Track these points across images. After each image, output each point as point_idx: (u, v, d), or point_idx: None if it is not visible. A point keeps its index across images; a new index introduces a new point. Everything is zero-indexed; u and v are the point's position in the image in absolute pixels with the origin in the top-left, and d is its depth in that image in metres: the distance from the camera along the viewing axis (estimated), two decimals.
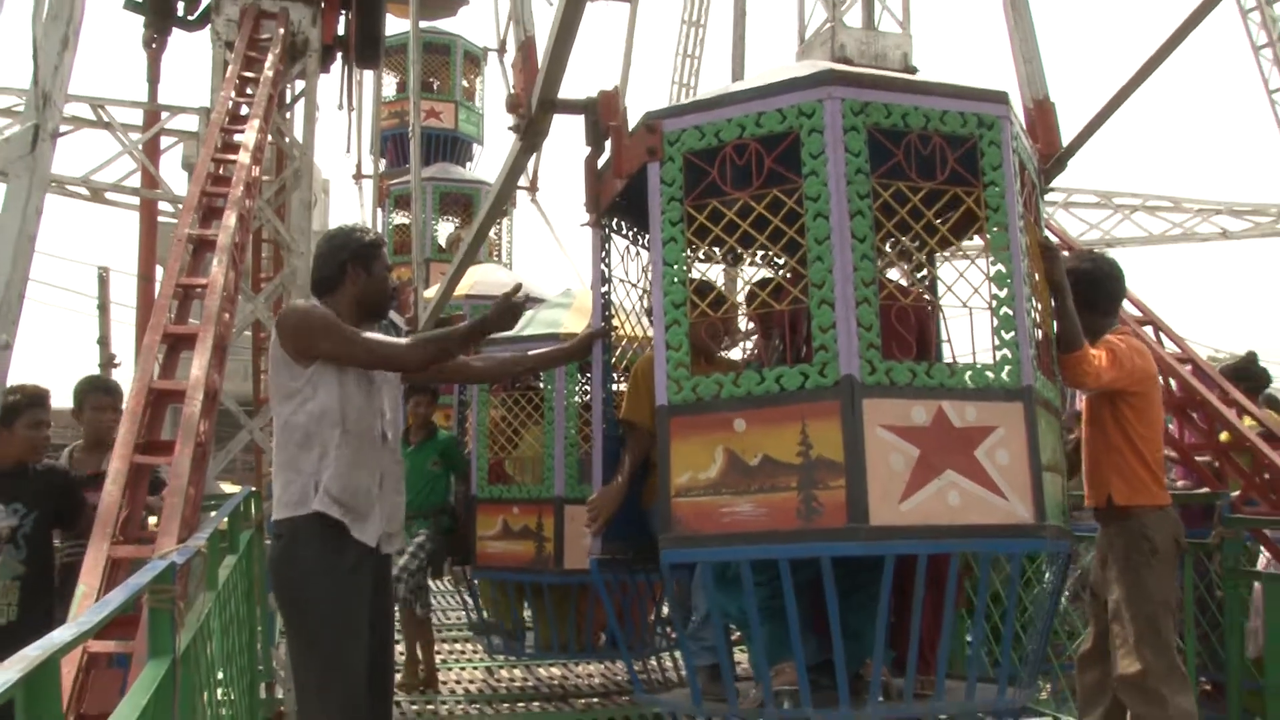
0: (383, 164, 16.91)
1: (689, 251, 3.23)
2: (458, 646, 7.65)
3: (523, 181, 15.95)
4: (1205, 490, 5.13)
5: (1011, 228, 3.09)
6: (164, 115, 9.73)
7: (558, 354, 3.99)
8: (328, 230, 3.61)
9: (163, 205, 9.48)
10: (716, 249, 3.53)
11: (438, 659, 6.62)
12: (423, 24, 16.28)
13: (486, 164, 17.74)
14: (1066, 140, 4.02)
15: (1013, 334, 3.06)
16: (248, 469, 7.87)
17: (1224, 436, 5.23)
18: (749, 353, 3.55)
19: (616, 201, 3.58)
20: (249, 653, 4.28)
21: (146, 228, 9.63)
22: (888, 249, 3.31)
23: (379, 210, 16.28)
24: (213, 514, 4.34)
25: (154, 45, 9.96)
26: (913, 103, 3.06)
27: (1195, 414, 5.39)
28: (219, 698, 3.35)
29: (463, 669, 6.93)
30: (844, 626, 3.01)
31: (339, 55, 9.95)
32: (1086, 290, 3.66)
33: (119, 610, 2.07)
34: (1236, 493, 5.03)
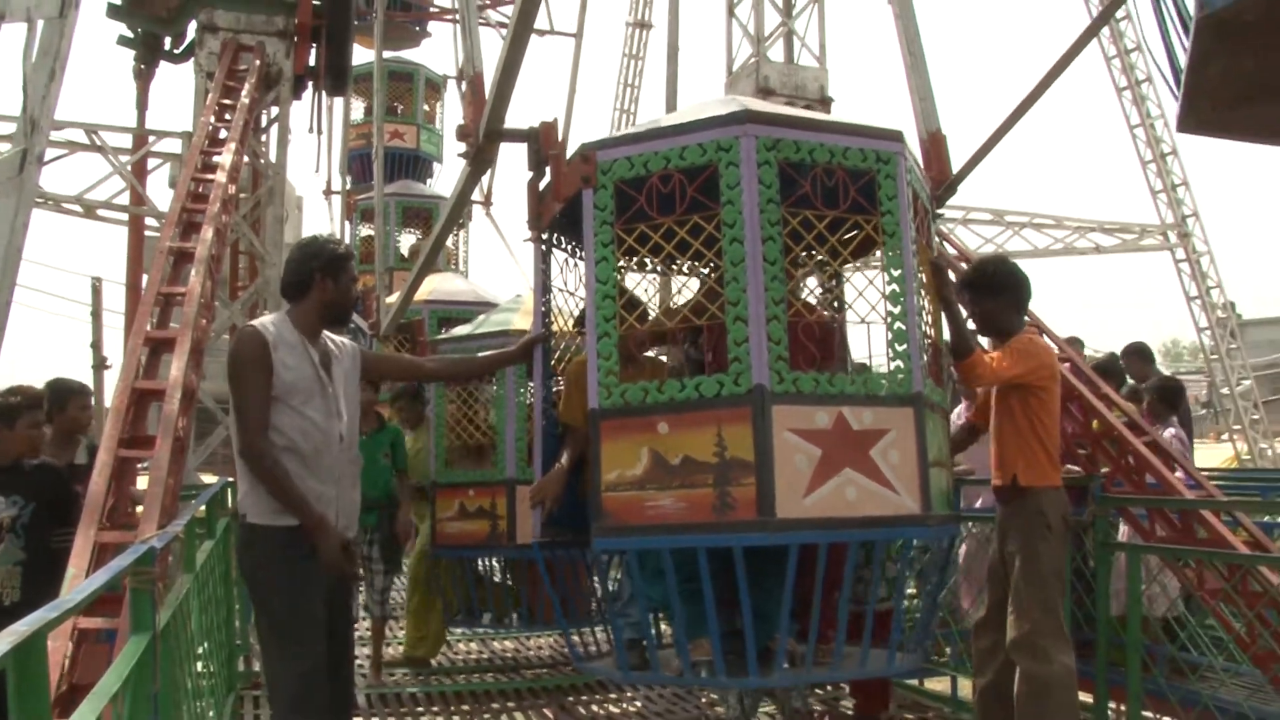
0: (350, 180, 16.80)
1: (625, 264, 3.21)
2: None
3: (477, 196, 15.86)
4: (1080, 474, 5.21)
5: (905, 251, 3.11)
6: (151, 139, 9.65)
7: (503, 357, 3.94)
8: (301, 239, 3.52)
9: (149, 220, 9.34)
10: (650, 261, 3.51)
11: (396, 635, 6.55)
12: (387, 54, 16.15)
13: (445, 180, 17.67)
14: (958, 168, 4.07)
15: (905, 346, 3.08)
16: (226, 461, 7.69)
17: (1095, 425, 5.32)
18: (671, 362, 3.52)
19: (557, 219, 3.54)
20: (226, 629, 4.25)
21: (134, 241, 9.49)
22: (797, 270, 3.31)
23: (347, 223, 16.12)
24: (192, 502, 4.30)
25: (143, 76, 9.84)
26: (819, 140, 3.07)
27: (1072, 406, 5.48)
28: (199, 670, 3.37)
29: None
30: (754, 606, 3.01)
31: (310, 84, 9.85)
32: (1006, 293, 3.67)
33: (102, 589, 2.08)
34: (1106, 469, 5.13)
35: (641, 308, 3.19)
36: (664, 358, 4.01)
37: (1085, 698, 4.17)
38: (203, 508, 4.30)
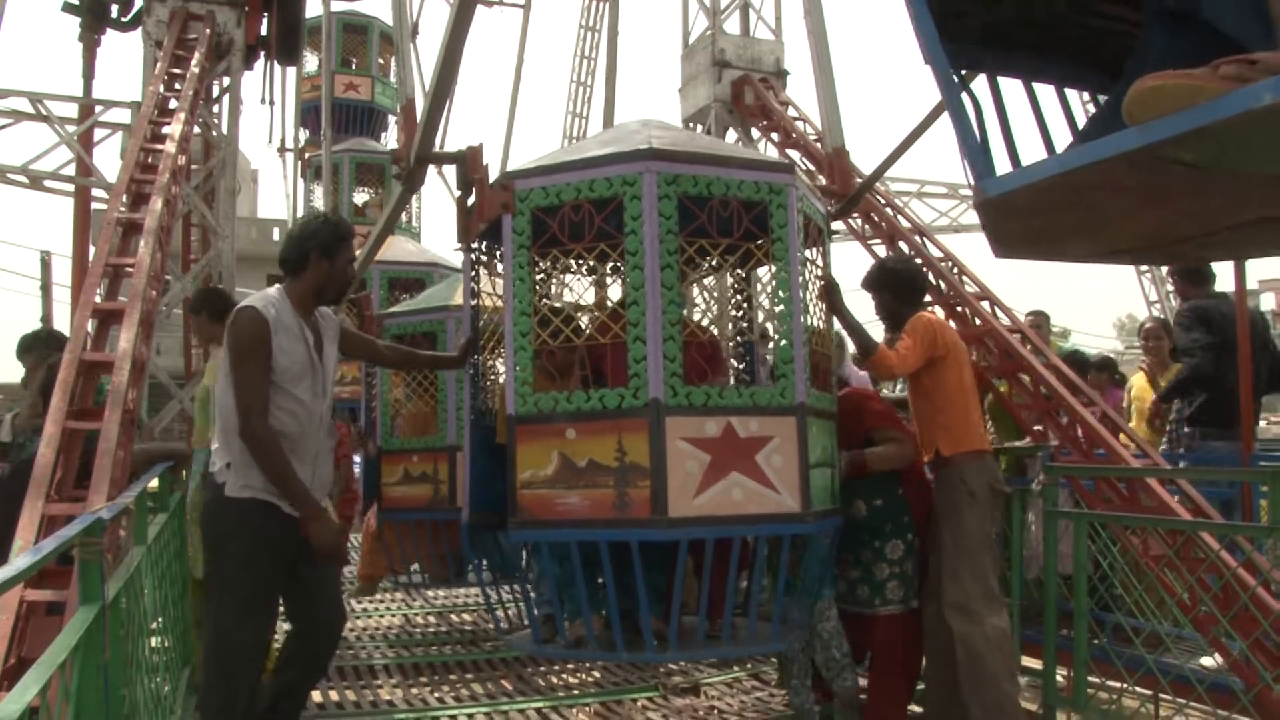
0: (305, 135, 17.00)
1: (546, 279, 3.67)
2: (376, 598, 8.02)
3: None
4: (1029, 443, 5.64)
5: (793, 274, 3.60)
6: (98, 109, 9.80)
7: (444, 359, 4.48)
8: (302, 216, 3.74)
9: (97, 192, 9.60)
10: (569, 276, 3.97)
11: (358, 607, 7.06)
12: (343, 6, 16.38)
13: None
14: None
15: (790, 361, 3.57)
16: (182, 436, 8.13)
17: (1044, 392, 5.71)
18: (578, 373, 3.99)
19: (484, 231, 3.98)
20: (181, 604, 4.49)
21: (81, 213, 9.75)
22: (695, 292, 3.78)
23: (300, 180, 16.40)
24: (143, 475, 4.36)
25: (89, 44, 10.01)
26: (716, 173, 3.54)
27: (1024, 377, 5.85)
28: (152, 645, 3.48)
29: (381, 616, 7.36)
30: (653, 589, 3.52)
31: (262, 54, 10.07)
32: (904, 288, 4.18)
33: (48, 558, 2.15)
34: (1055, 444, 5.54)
35: (552, 326, 3.63)
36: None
37: (1034, 663, 4.54)
38: (155, 480, 4.54)
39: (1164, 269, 15.66)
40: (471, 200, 3.78)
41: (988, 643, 3.83)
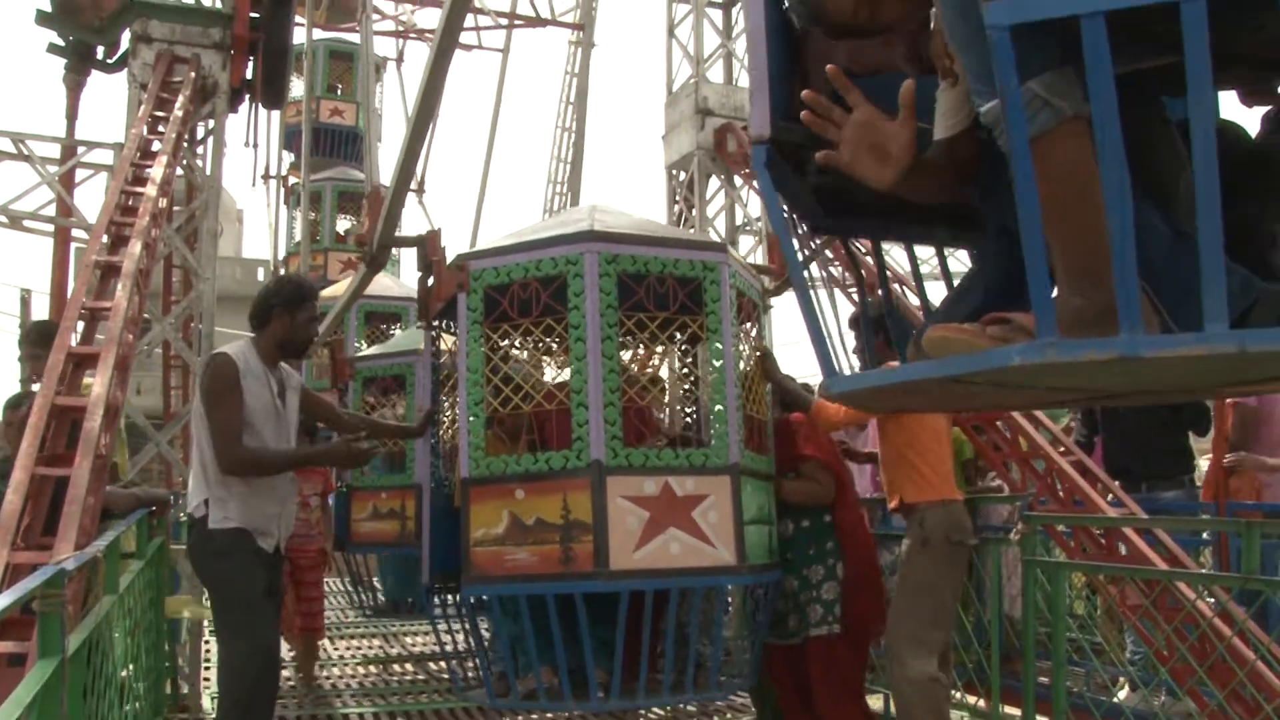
0: (288, 157, 17.48)
1: (501, 348, 4.12)
2: (354, 643, 8.42)
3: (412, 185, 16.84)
4: (1008, 492, 5.86)
5: (725, 346, 4.05)
6: (80, 150, 10.17)
7: (406, 430, 4.88)
8: (272, 277, 4.21)
9: (77, 232, 10.01)
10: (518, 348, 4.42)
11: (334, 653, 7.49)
12: (330, 34, 16.98)
13: (382, 158, 18.61)
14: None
15: (723, 425, 4.02)
16: (160, 478, 8.55)
17: (1023, 444, 6.04)
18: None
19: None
20: (155, 652, 4.77)
21: (60, 253, 10.12)
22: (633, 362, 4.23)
23: (284, 207, 16.90)
24: (118, 522, 4.51)
25: (73, 85, 10.41)
26: (653, 254, 4.00)
27: (1001, 424, 6.14)
28: (122, 694, 3.62)
29: (359, 665, 7.76)
30: (601, 642, 3.95)
31: (247, 97, 10.49)
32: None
33: (8, 610, 2.21)
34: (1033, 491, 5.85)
35: (503, 394, 4.09)
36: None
37: (1015, 710, 4.68)
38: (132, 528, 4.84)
39: None
40: (431, 280, 4.25)
41: (912, 687, 4.15)
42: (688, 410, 4.98)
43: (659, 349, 4.07)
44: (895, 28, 1.86)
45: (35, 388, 5.08)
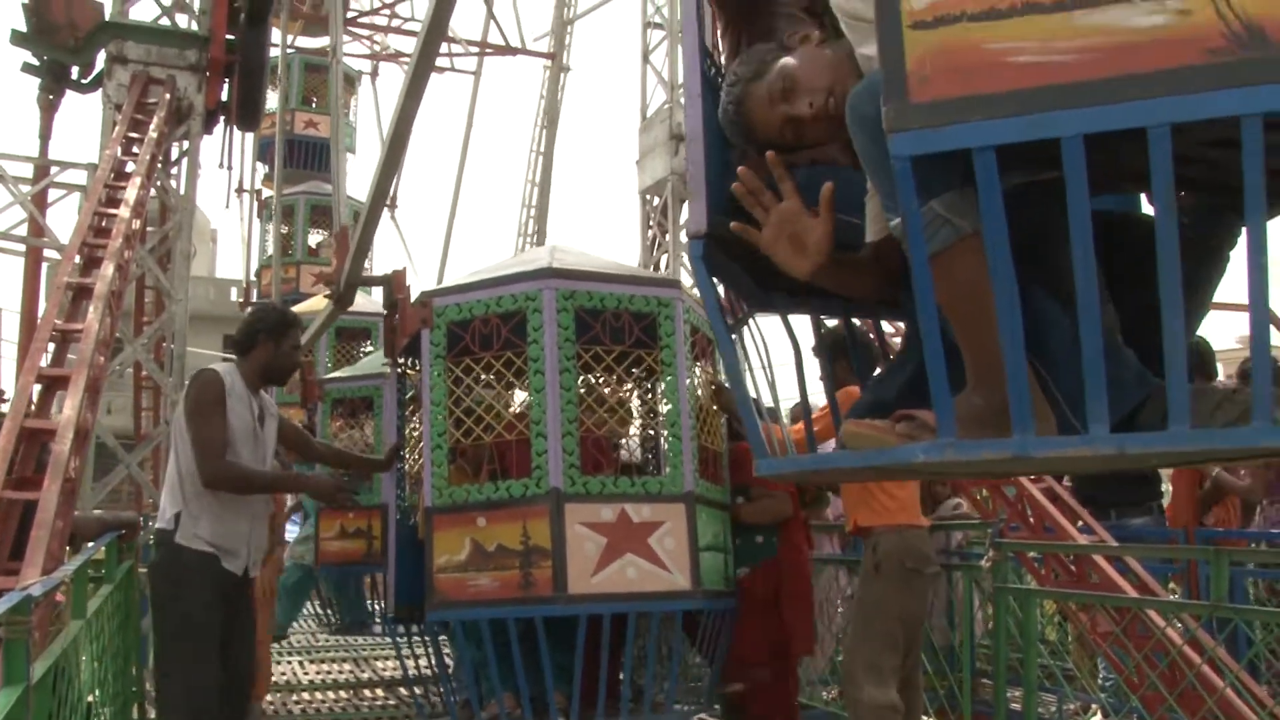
0: (261, 169, 17.61)
1: (464, 381, 4.34)
2: (324, 668, 8.59)
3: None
4: (978, 519, 6.03)
5: (680, 379, 4.29)
6: (53, 170, 10.27)
7: (375, 463, 5.03)
8: (257, 304, 4.37)
9: (49, 253, 10.11)
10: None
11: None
12: (305, 45, 17.21)
13: (356, 171, 18.81)
14: None
15: (679, 455, 4.25)
16: (130, 498, 8.69)
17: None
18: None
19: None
20: (123, 678, 4.76)
21: (32, 274, 10.24)
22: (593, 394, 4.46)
23: (258, 220, 17.03)
24: (88, 545, 4.53)
25: (48, 105, 10.53)
26: (609, 289, 4.23)
27: None
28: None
29: (329, 689, 7.93)
30: (561, 668, 4.17)
31: (222, 119, 10.63)
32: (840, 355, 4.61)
33: None
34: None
35: (475, 416, 4.31)
36: None
37: None
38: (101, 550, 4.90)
39: None
40: (396, 317, 4.48)
41: (869, 714, 4.21)
42: (645, 440, 5.22)
43: (616, 380, 4.31)
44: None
45: None
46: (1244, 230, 1.55)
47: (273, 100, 18.02)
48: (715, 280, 1.99)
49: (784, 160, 1.93)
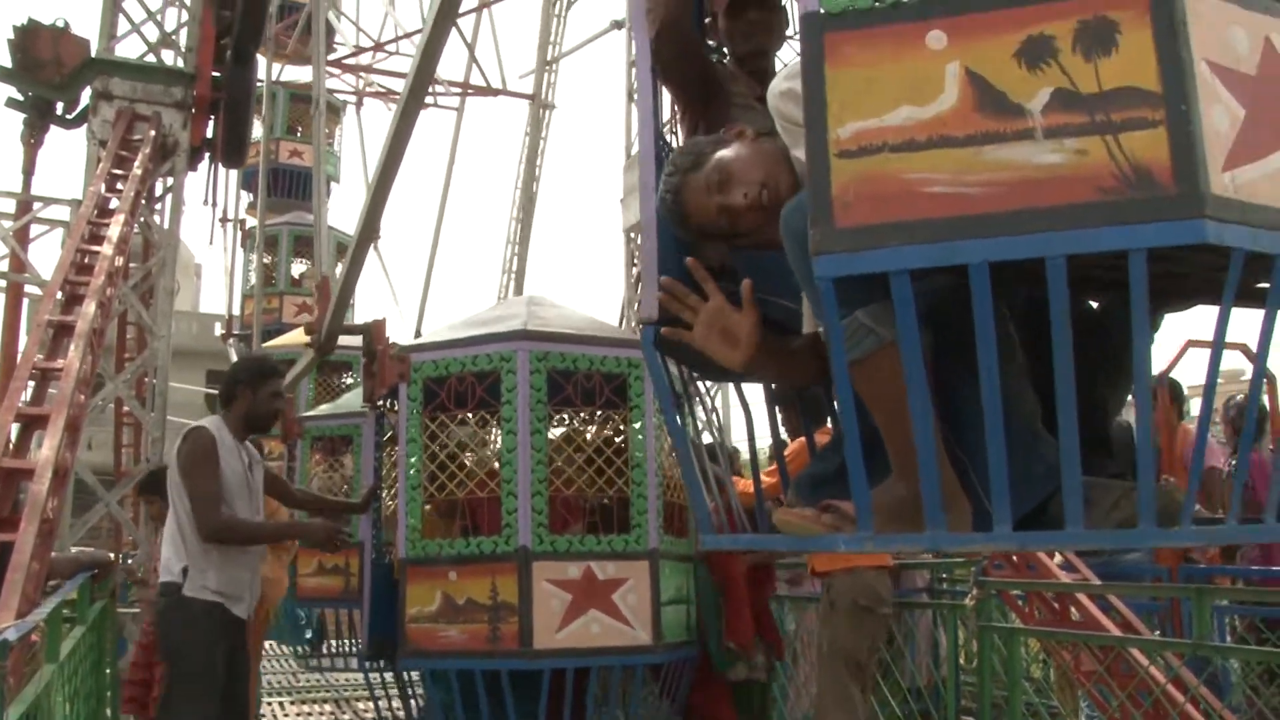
0: (246, 197, 17.74)
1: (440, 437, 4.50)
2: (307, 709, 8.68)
3: None
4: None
5: (647, 438, 4.45)
6: (36, 205, 10.31)
7: (352, 506, 5.17)
8: (239, 357, 4.49)
9: (31, 289, 10.17)
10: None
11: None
12: (290, 77, 17.42)
13: (340, 200, 18.99)
14: None
15: (643, 513, 4.41)
16: (110, 535, 8.74)
17: None
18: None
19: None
20: (95, 718, 4.88)
21: (12, 310, 10.28)
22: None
23: (241, 249, 17.15)
24: (64, 585, 4.65)
25: (31, 141, 10.63)
26: (581, 351, 4.41)
27: None
28: None
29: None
30: (524, 715, 4.30)
31: (206, 155, 10.74)
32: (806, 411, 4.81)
33: None
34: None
35: (440, 480, 4.47)
36: None
37: None
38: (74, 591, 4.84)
39: None
40: (375, 366, 4.64)
41: None
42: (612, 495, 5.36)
43: (586, 439, 4.48)
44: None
45: None
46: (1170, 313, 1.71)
47: (257, 129, 18.23)
48: (670, 360, 2.12)
49: (733, 243, 2.08)
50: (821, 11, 1.76)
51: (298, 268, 16.85)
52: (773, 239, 2.13)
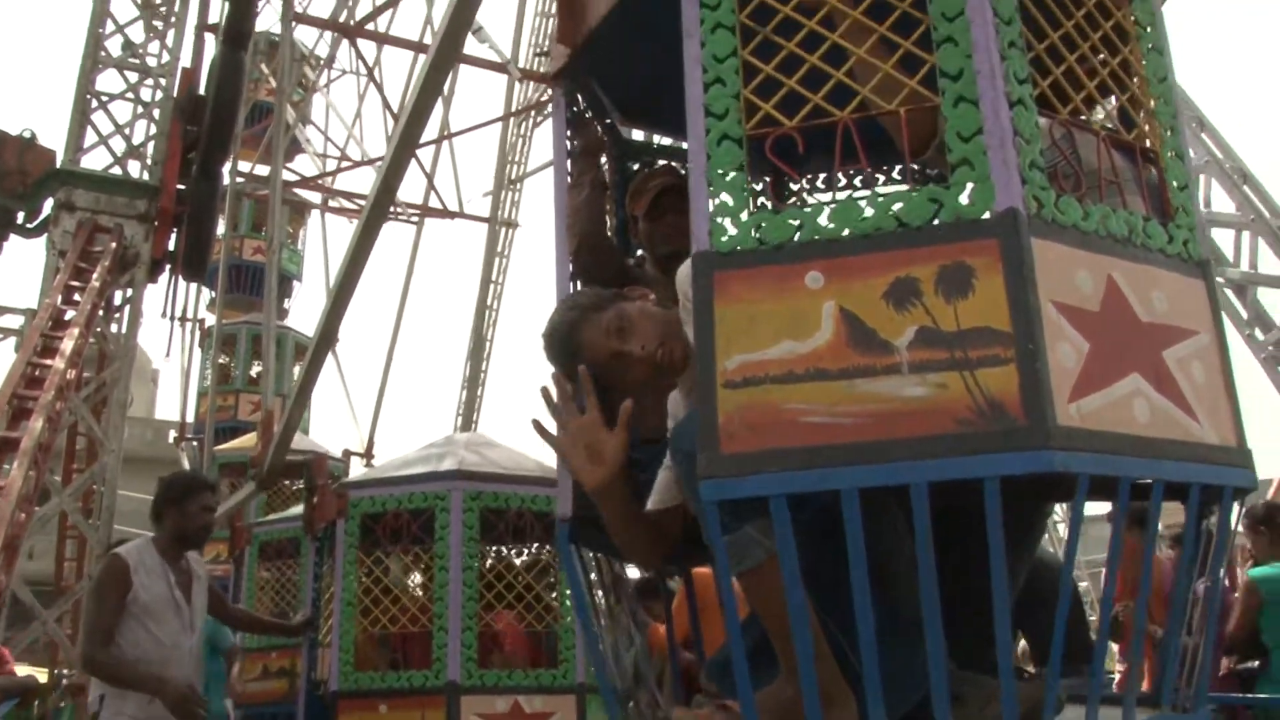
0: (206, 294, 17.58)
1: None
2: None
3: None
4: None
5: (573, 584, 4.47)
6: None
7: (286, 628, 5.08)
8: (166, 476, 4.41)
9: None
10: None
11: None
12: (261, 172, 17.47)
13: (302, 301, 18.95)
14: None
15: (570, 648, 4.44)
16: (47, 649, 8.42)
17: None
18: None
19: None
20: None
21: None
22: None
23: (198, 349, 16.91)
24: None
25: None
26: (513, 490, 4.48)
27: None
28: None
29: None
30: None
31: (167, 268, 10.62)
32: None
33: None
34: None
35: (382, 606, 4.49)
36: None
37: None
38: None
39: None
40: (315, 500, 4.68)
41: None
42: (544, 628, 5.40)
43: (516, 576, 4.54)
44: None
45: None
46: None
47: (220, 226, 18.17)
48: (584, 552, 2.17)
49: (606, 388, 2.08)
50: (712, 250, 1.86)
51: (257, 367, 16.67)
52: (645, 398, 2.15)
